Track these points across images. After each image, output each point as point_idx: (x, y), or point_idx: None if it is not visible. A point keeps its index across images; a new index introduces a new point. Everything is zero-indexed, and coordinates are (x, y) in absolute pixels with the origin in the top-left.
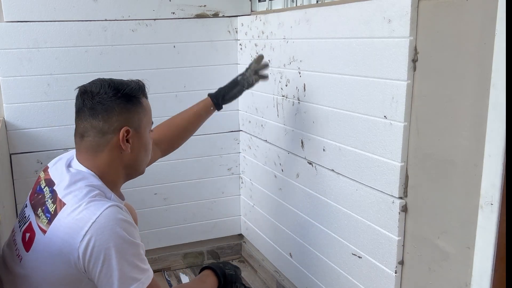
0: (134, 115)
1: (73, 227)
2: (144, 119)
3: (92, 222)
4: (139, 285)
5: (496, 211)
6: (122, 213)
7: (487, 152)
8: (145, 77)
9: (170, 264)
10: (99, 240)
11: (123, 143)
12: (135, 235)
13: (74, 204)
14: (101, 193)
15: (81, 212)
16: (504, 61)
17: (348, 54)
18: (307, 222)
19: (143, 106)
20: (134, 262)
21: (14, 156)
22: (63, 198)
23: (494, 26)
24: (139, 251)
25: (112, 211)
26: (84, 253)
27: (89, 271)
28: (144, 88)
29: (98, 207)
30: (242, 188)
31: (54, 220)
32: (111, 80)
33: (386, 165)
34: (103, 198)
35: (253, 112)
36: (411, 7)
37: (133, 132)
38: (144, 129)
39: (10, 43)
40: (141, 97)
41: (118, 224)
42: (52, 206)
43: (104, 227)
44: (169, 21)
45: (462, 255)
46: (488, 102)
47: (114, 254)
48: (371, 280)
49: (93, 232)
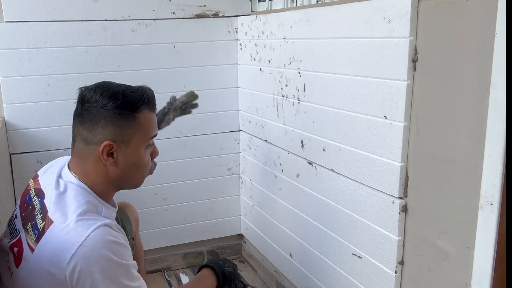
0: (124, 130)
1: (60, 248)
2: (137, 135)
3: (78, 245)
4: None
5: (496, 211)
6: (111, 233)
7: (487, 152)
8: (145, 77)
9: (170, 264)
10: (85, 264)
11: (103, 156)
12: (124, 255)
13: (62, 222)
14: (91, 208)
15: (68, 232)
16: (504, 61)
17: (348, 54)
18: (307, 222)
19: (138, 121)
20: (123, 282)
21: (14, 156)
22: (51, 216)
23: (494, 26)
24: (129, 270)
25: (99, 232)
26: (71, 276)
27: None
28: (147, 101)
29: (85, 228)
30: (242, 188)
31: (42, 238)
32: (112, 86)
33: (386, 165)
34: (93, 216)
35: (253, 112)
36: (411, 7)
37: (119, 147)
38: (136, 145)
39: (10, 43)
40: (139, 111)
41: (105, 247)
42: (41, 222)
43: (91, 250)
44: (169, 21)
45: (462, 255)
46: (488, 102)
47: (101, 277)
48: (371, 280)
49: (79, 256)
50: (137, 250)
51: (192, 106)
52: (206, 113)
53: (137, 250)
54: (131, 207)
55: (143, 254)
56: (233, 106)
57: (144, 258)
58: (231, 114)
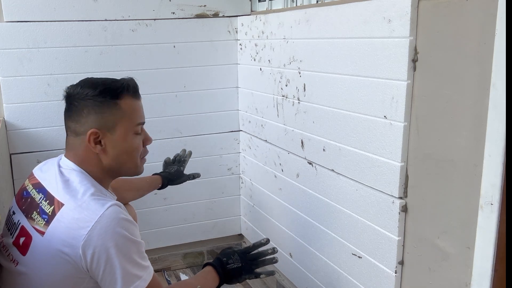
0: (106, 117)
1: (74, 227)
2: (122, 122)
3: (94, 221)
4: (141, 282)
5: (496, 211)
6: (122, 212)
7: (487, 152)
8: (145, 77)
9: (170, 264)
10: (101, 240)
11: (91, 145)
12: (136, 234)
13: (73, 203)
14: (97, 190)
15: (82, 211)
16: (504, 61)
17: (348, 54)
18: (307, 222)
19: (119, 107)
20: (135, 260)
21: (14, 156)
22: (61, 199)
23: (494, 26)
24: (140, 249)
25: (113, 210)
26: (86, 253)
27: (92, 270)
28: (127, 88)
29: (98, 207)
30: (242, 188)
31: (53, 220)
32: (93, 79)
33: (386, 165)
34: (101, 196)
35: (253, 112)
36: (411, 7)
37: (105, 134)
38: (122, 132)
39: (10, 43)
40: (120, 97)
41: (119, 224)
42: (49, 207)
43: (106, 227)
44: (169, 21)
45: (462, 255)
46: (488, 102)
47: (116, 253)
48: (371, 280)
49: (95, 232)
50: None
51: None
52: (206, 113)
53: None
54: (129, 207)
55: None
56: (233, 106)
57: None
58: (231, 114)
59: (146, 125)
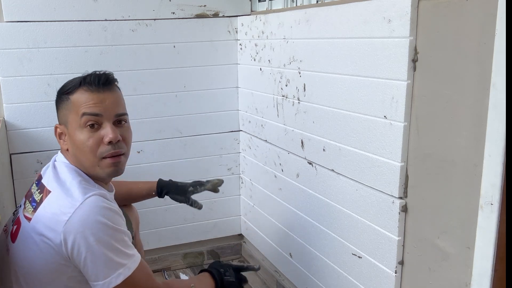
0: (62, 111)
1: (57, 212)
2: (71, 115)
3: (75, 208)
4: (125, 270)
5: (496, 211)
6: (105, 201)
7: (487, 152)
8: (145, 77)
9: (170, 264)
10: (82, 227)
11: (57, 139)
12: (118, 222)
13: (59, 191)
14: (85, 180)
15: (66, 198)
16: (504, 61)
17: (348, 54)
18: (307, 222)
19: (70, 101)
20: (118, 248)
21: (14, 156)
22: (49, 187)
23: (494, 26)
24: (123, 237)
25: (95, 199)
26: (67, 239)
27: (73, 258)
28: (83, 82)
29: (81, 194)
30: (242, 188)
31: (39, 207)
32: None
33: (386, 165)
34: (87, 186)
35: (253, 112)
36: (411, 7)
37: (64, 129)
38: (72, 126)
39: (10, 43)
40: (72, 92)
41: (100, 212)
42: (39, 195)
43: (87, 214)
44: (169, 21)
45: (462, 255)
46: (488, 102)
47: (97, 241)
48: (371, 280)
49: (76, 219)
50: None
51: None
52: (206, 113)
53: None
54: (132, 208)
55: (143, 254)
56: (233, 106)
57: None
58: (231, 114)
59: (147, 124)
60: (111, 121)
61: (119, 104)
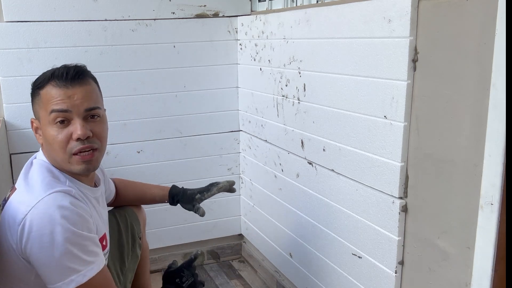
0: (34, 106)
1: (16, 210)
2: (41, 111)
3: (31, 207)
4: (78, 277)
5: (496, 211)
6: (68, 199)
7: (487, 152)
8: (145, 77)
9: None
10: (35, 226)
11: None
12: (76, 223)
13: (23, 188)
14: (53, 177)
15: (26, 195)
16: (504, 61)
17: (348, 54)
18: (307, 222)
19: (40, 97)
20: (73, 252)
21: (14, 156)
22: (17, 185)
23: (494, 26)
24: (82, 241)
25: (54, 197)
26: (21, 239)
27: (27, 257)
28: (52, 76)
29: (41, 192)
30: (242, 188)
31: (6, 205)
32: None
33: (386, 165)
34: (53, 182)
35: (253, 112)
36: (411, 7)
37: (38, 124)
38: (43, 122)
39: (10, 43)
40: (42, 87)
41: (57, 211)
42: (9, 193)
43: (42, 213)
44: (169, 21)
45: (462, 255)
46: (488, 102)
47: (50, 241)
48: (371, 280)
49: (31, 218)
50: (143, 250)
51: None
52: (206, 113)
53: (143, 250)
54: (140, 208)
55: (148, 254)
56: (233, 106)
57: (149, 258)
58: (231, 114)
59: (147, 124)
60: (81, 116)
61: (90, 98)
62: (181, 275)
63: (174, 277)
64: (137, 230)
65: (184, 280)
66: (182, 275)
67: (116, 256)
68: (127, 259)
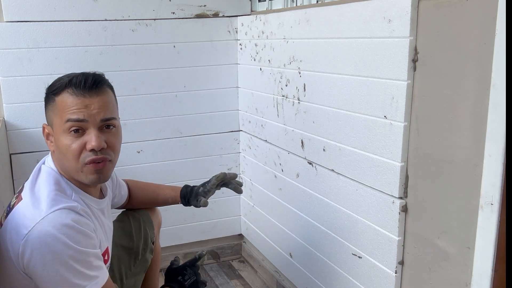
0: (48, 112)
1: (20, 224)
2: (56, 118)
3: (35, 223)
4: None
5: (496, 211)
6: (71, 216)
7: (487, 152)
8: (145, 77)
9: None
10: (38, 244)
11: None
12: (80, 241)
13: (28, 200)
14: (60, 190)
15: (30, 209)
16: (504, 61)
17: (348, 54)
18: (307, 222)
19: (55, 103)
20: (76, 268)
21: (14, 156)
22: (23, 194)
23: (494, 26)
24: (85, 258)
25: (59, 214)
26: (23, 254)
27: (29, 273)
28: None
29: (46, 208)
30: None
31: (10, 214)
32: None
33: (386, 165)
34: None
35: (253, 112)
36: (411, 7)
37: (50, 130)
38: (57, 129)
39: (10, 43)
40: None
41: (60, 230)
42: (14, 200)
43: (46, 231)
44: (169, 21)
45: (462, 255)
46: (488, 102)
47: (53, 259)
48: (371, 280)
49: (34, 234)
50: (156, 254)
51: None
52: (206, 113)
53: (155, 254)
54: (156, 211)
55: (160, 258)
56: (233, 106)
57: (160, 262)
58: (231, 114)
59: (147, 124)
60: (97, 126)
61: (107, 108)
62: (183, 273)
63: (177, 275)
64: (150, 235)
65: (187, 278)
66: (185, 273)
67: (123, 259)
68: (134, 263)
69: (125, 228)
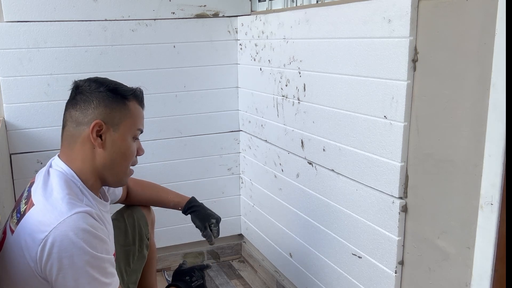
0: (114, 112)
1: (35, 229)
2: (126, 121)
3: (53, 227)
4: None
5: (496, 211)
6: (88, 221)
7: (487, 152)
8: (145, 77)
9: (170, 264)
10: (56, 248)
11: (92, 135)
12: (96, 247)
13: (41, 205)
14: (73, 194)
15: (46, 214)
16: (504, 61)
17: (348, 54)
18: (307, 222)
19: (128, 107)
20: (92, 274)
21: (14, 156)
22: (34, 199)
23: (494, 26)
24: (100, 264)
25: (75, 219)
26: (41, 259)
27: (46, 278)
28: (136, 94)
29: (62, 212)
30: (242, 188)
31: (22, 220)
32: (104, 78)
33: (386, 165)
34: (73, 201)
35: (253, 112)
36: (411, 7)
37: (108, 129)
38: (124, 131)
39: (10, 43)
40: (129, 99)
41: (77, 234)
42: (24, 206)
43: (63, 235)
44: (169, 21)
45: (462, 255)
46: (488, 102)
47: (69, 264)
48: (371, 280)
49: (52, 239)
50: (151, 251)
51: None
52: (206, 113)
53: (150, 251)
54: (149, 209)
55: (156, 255)
56: (233, 106)
57: (156, 259)
58: (231, 114)
59: (147, 124)
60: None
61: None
62: (191, 274)
63: (184, 275)
64: (145, 231)
65: (194, 280)
66: (193, 274)
67: (121, 257)
68: (132, 260)
69: (120, 226)
